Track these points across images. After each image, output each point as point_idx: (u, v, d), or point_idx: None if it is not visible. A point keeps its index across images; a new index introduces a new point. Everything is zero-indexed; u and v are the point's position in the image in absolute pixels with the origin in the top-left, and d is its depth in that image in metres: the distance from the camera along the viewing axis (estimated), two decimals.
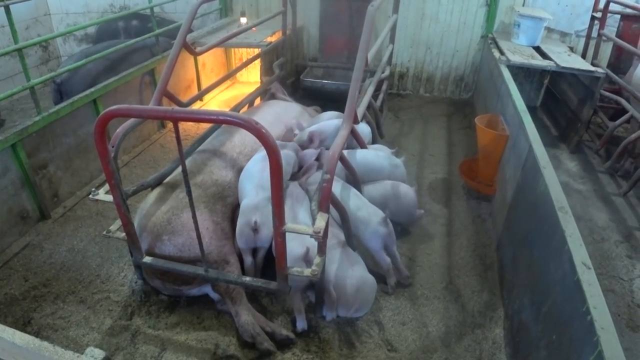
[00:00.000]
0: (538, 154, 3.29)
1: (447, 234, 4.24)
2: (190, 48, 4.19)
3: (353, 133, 4.09)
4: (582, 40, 6.38)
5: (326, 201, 2.71)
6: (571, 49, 6.29)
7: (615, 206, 4.84)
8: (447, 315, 3.39)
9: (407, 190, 3.93)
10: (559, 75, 6.32)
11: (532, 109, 6.87)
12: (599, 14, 5.72)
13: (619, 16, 5.95)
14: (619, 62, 6.00)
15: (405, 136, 5.98)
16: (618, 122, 5.18)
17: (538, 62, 5.45)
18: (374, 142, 4.71)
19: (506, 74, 5.02)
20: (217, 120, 2.24)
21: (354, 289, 3.05)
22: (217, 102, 6.91)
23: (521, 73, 6.72)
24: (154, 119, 5.45)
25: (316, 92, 6.11)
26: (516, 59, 5.45)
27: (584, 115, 5.56)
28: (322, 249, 2.76)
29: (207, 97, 6.83)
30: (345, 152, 4.06)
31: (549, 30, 6.67)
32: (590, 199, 4.95)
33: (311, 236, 2.53)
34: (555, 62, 5.40)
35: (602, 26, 5.63)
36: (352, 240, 3.39)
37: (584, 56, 6.09)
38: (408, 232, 4.22)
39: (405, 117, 6.58)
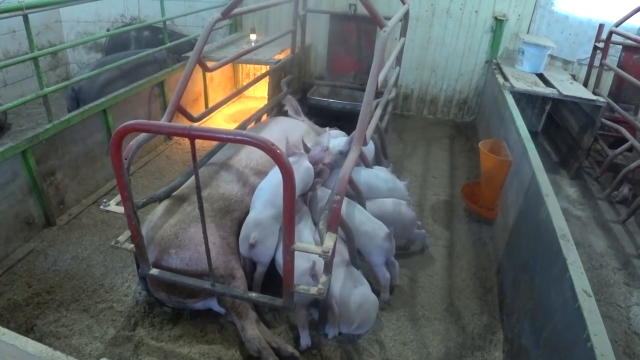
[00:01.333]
0: (541, 181, 3.36)
1: (448, 256, 4.29)
2: (204, 64, 4.27)
3: (360, 154, 4.18)
4: (584, 69, 6.49)
5: (335, 221, 2.76)
6: (573, 76, 6.41)
7: (614, 233, 4.90)
8: (447, 337, 3.43)
9: (406, 210, 4.00)
10: (561, 102, 6.42)
11: (533, 134, 6.95)
12: (601, 44, 5.83)
13: (620, 47, 6.05)
14: (620, 91, 6.10)
15: (408, 157, 6.05)
16: (618, 150, 5.26)
17: (541, 89, 5.55)
18: (378, 163, 4.77)
19: (510, 99, 5.10)
20: (235, 140, 2.30)
21: (356, 305, 3.09)
22: (223, 116, 6.98)
23: (523, 99, 6.82)
24: (171, 135, 5.52)
25: (322, 111, 6.18)
26: (520, 85, 5.55)
27: (584, 143, 5.65)
28: (328, 268, 2.81)
29: (214, 113, 6.91)
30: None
31: (552, 57, 6.78)
32: (589, 225, 5.01)
33: (320, 256, 2.58)
34: (558, 90, 5.50)
35: (604, 56, 5.73)
36: (357, 259, 3.43)
37: (585, 84, 6.18)
38: (410, 253, 4.28)
39: (409, 138, 6.66)
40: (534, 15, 6.68)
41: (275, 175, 3.51)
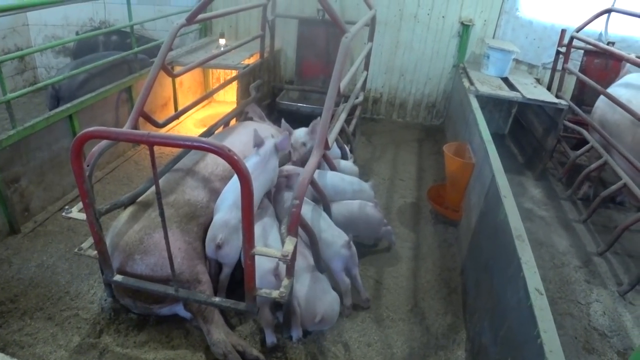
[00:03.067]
0: (500, 183, 3.44)
1: (414, 258, 4.36)
2: (168, 70, 4.27)
3: (324, 157, 4.23)
4: (549, 73, 6.64)
5: (295, 226, 2.80)
6: (538, 80, 6.56)
7: (576, 232, 5.03)
8: (411, 337, 3.49)
9: (372, 211, 4.07)
10: (526, 106, 6.56)
11: (500, 137, 7.17)
12: (563, 49, 5.98)
13: (582, 51, 6.22)
14: (582, 94, 6.26)
15: (377, 160, 6.13)
16: (579, 152, 5.41)
17: (505, 93, 5.67)
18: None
19: (474, 103, 5.21)
20: (192, 146, 2.32)
21: (318, 300, 3.17)
22: (193, 120, 6.97)
23: (490, 102, 6.95)
24: (130, 142, 5.49)
25: (291, 115, 6.23)
26: (484, 89, 5.67)
27: (548, 144, 5.80)
28: (290, 272, 2.85)
29: (183, 116, 6.89)
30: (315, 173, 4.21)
31: (517, 62, 6.93)
32: (552, 225, 5.13)
33: (279, 259, 2.62)
34: (522, 94, 5.63)
35: (566, 60, 5.88)
36: (321, 262, 3.48)
37: (549, 88, 6.33)
38: (376, 254, 4.34)
39: (378, 142, 6.74)
40: (500, 21, 6.82)
41: (236, 179, 3.56)
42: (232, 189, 3.51)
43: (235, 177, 3.64)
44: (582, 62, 6.25)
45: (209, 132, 4.78)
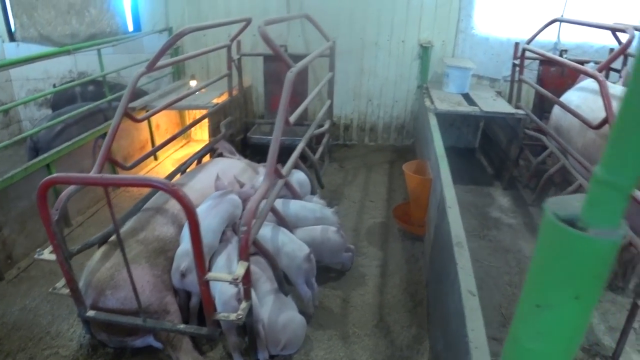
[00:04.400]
0: (447, 195, 3.65)
1: (381, 275, 4.54)
2: (131, 116, 4.51)
3: (287, 185, 4.47)
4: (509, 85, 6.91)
5: (244, 251, 3.00)
6: (499, 93, 6.83)
7: None
8: (376, 351, 3.65)
9: (334, 236, 4.28)
10: (492, 119, 6.81)
11: (471, 151, 7.40)
12: (518, 61, 6.25)
13: (538, 61, 6.48)
14: (543, 102, 6.50)
15: (348, 185, 6.35)
16: (540, 158, 5.62)
17: (463, 108, 5.92)
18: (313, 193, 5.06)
19: (432, 121, 5.45)
20: (139, 184, 2.57)
21: (282, 327, 3.37)
22: (171, 160, 7.21)
23: (459, 118, 7.22)
24: (87, 185, 5.73)
25: (263, 148, 6.44)
26: (444, 106, 5.92)
27: (512, 154, 6.03)
28: (246, 295, 3.04)
29: (162, 156, 7.15)
30: (279, 201, 4.44)
31: (479, 77, 7.22)
32: (520, 231, 5.32)
33: (230, 283, 2.83)
34: (480, 108, 5.88)
35: (520, 72, 6.15)
36: (284, 285, 3.67)
37: (510, 99, 6.59)
38: (344, 274, 4.52)
39: (350, 166, 6.97)
40: (457, 40, 7.13)
41: (201, 208, 3.77)
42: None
43: (198, 208, 3.87)
44: (539, 71, 6.52)
45: (177, 170, 5.02)
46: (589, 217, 0.95)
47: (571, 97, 5.23)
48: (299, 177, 4.92)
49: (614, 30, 5.26)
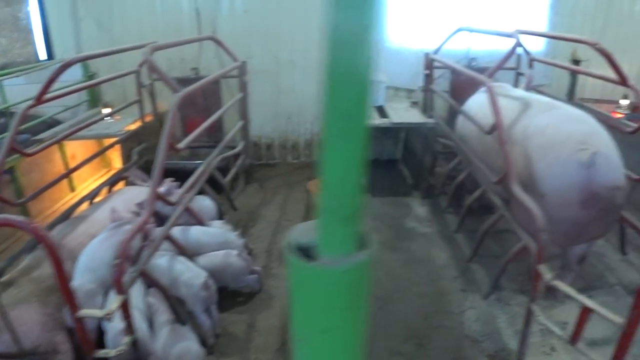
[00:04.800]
0: None
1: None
2: (20, 150, 4.32)
3: (188, 211, 4.35)
4: None
5: (118, 284, 2.86)
6: (415, 103, 6.88)
7: (457, 243, 5.21)
8: None
9: (236, 260, 4.17)
10: (410, 130, 6.84)
11: (394, 162, 7.42)
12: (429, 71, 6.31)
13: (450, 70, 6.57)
14: (454, 110, 6.57)
15: (266, 205, 6.23)
16: (450, 166, 5.66)
17: (373, 121, 5.92)
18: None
19: None
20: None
21: (177, 357, 3.25)
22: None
23: (380, 131, 7.21)
24: None
25: (178, 172, 6.30)
26: None
27: (426, 163, 6.05)
28: (128, 329, 2.93)
29: (80, 187, 6.90)
30: (179, 229, 4.31)
31: (396, 89, 7.27)
32: (434, 240, 5.31)
33: (102, 319, 2.69)
34: (390, 120, 5.89)
35: (430, 82, 6.21)
36: (181, 315, 3.55)
37: (425, 109, 6.63)
38: (251, 297, 4.39)
39: (270, 186, 6.87)
40: None
41: (94, 241, 3.65)
42: (87, 253, 3.60)
43: (91, 242, 3.72)
44: (451, 80, 6.60)
45: (84, 199, 4.87)
46: (321, 246, 0.89)
47: (472, 103, 5.28)
48: (201, 203, 4.80)
49: (504, 36, 5.36)
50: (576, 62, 7.56)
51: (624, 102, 7.28)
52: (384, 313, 4.19)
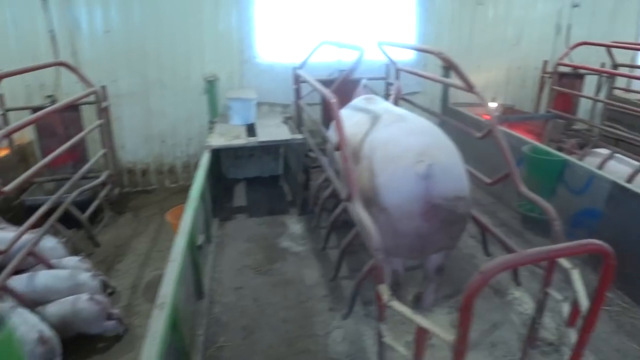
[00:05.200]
0: (175, 246, 3.42)
1: None
2: None
3: (33, 255, 4.04)
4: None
5: None
6: (290, 118, 6.81)
7: (330, 260, 5.14)
8: None
9: (87, 305, 3.89)
10: (288, 146, 6.74)
11: (275, 179, 7.30)
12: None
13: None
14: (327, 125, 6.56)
15: (138, 236, 5.92)
16: (318, 181, 5.60)
17: (239, 141, 5.77)
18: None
19: (203, 159, 5.26)
20: None
21: None
22: None
23: (258, 148, 7.07)
24: None
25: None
26: (220, 141, 5.75)
27: (300, 179, 5.97)
28: None
29: None
30: (24, 276, 3.98)
31: (271, 104, 7.19)
32: (306, 259, 5.22)
33: None
34: (257, 138, 5.78)
35: (298, 96, 6.13)
36: None
37: (298, 124, 6.57)
38: (116, 342, 4.12)
39: (145, 214, 6.56)
40: (243, 70, 7.05)
41: None
42: None
43: None
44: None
45: None
46: None
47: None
48: (45, 244, 4.48)
49: (351, 48, 5.35)
50: (447, 68, 7.77)
51: (492, 105, 7.57)
52: (247, 343, 4.04)
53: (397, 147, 3.69)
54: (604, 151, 6.66)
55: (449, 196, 3.54)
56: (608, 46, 7.25)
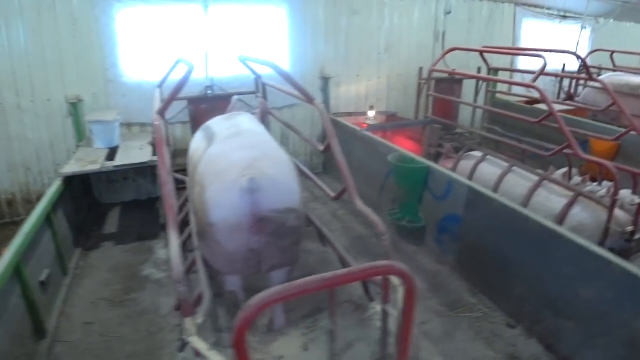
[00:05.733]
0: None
1: None
2: None
3: None
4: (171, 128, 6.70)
5: None
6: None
7: (190, 284, 4.92)
8: None
9: None
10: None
11: (153, 201, 7.01)
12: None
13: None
14: None
15: None
16: (179, 202, 5.39)
17: (93, 166, 5.49)
18: None
19: (55, 187, 5.01)
20: None
21: None
22: None
23: (132, 170, 6.79)
24: None
25: None
26: (75, 168, 5.46)
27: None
28: None
29: None
30: None
31: (142, 125, 6.96)
32: (165, 286, 5.00)
33: None
34: (114, 163, 5.55)
35: (162, 114, 5.90)
36: None
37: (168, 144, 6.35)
38: None
39: None
40: (108, 90, 6.75)
41: None
42: None
43: None
44: (190, 110, 6.41)
45: None
46: None
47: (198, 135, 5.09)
48: None
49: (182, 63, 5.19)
50: (326, 79, 7.78)
51: (371, 114, 7.62)
52: None
53: (225, 162, 3.66)
54: (479, 154, 6.80)
55: (278, 209, 3.52)
56: (478, 51, 7.46)
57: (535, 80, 5.91)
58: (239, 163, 3.57)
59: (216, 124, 4.66)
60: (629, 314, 3.48)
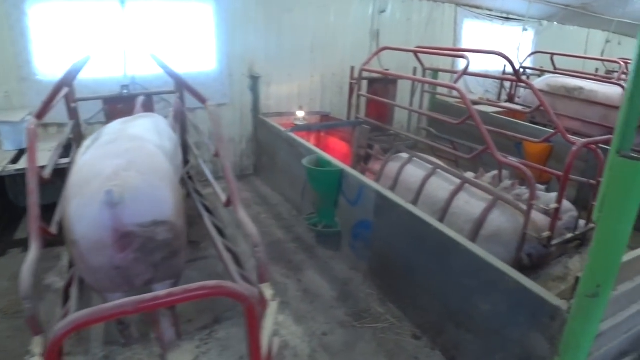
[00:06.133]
0: None
1: None
2: None
3: None
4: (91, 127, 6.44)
5: None
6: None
7: None
8: None
9: None
10: None
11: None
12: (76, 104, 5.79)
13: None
14: None
15: None
16: None
17: None
18: None
19: None
20: None
21: None
22: None
23: (55, 173, 6.51)
24: None
25: None
26: None
27: None
28: None
29: None
30: None
31: (59, 125, 6.66)
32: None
33: None
34: (16, 166, 5.30)
35: (71, 116, 5.67)
36: None
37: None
38: None
39: None
40: (22, 89, 6.45)
41: None
42: None
43: None
44: (105, 110, 6.20)
45: None
46: None
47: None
48: None
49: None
50: (255, 78, 7.62)
51: (300, 114, 7.49)
52: None
53: (89, 171, 3.34)
54: (407, 156, 6.73)
55: (144, 222, 3.21)
56: (409, 51, 7.39)
57: (456, 81, 5.86)
58: (102, 173, 3.26)
59: (109, 127, 4.39)
60: (523, 328, 3.38)
